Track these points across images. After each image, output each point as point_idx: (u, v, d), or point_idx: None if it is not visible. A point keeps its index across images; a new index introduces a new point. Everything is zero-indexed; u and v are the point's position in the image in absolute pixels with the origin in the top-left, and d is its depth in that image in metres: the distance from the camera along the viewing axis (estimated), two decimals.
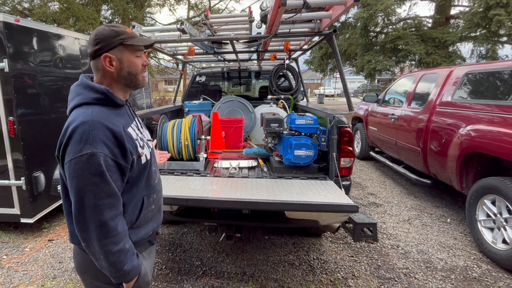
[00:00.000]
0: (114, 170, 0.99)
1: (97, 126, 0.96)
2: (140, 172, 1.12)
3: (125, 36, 1.06)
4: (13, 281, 2.52)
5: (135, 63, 1.09)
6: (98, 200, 0.95)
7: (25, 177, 3.05)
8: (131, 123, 1.12)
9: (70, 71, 3.70)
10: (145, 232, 1.18)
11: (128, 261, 1.02)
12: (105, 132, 0.96)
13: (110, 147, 0.97)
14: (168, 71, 17.03)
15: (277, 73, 4.57)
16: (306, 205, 1.84)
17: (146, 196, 1.16)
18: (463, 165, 3.12)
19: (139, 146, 1.09)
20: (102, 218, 0.95)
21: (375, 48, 12.34)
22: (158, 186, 1.26)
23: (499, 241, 2.65)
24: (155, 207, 1.22)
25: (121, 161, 1.00)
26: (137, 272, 1.06)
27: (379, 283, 2.41)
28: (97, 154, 0.93)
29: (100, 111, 1.01)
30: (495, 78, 3.11)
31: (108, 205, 0.96)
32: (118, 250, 0.98)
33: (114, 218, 0.98)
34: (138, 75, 1.11)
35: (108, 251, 0.97)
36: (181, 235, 3.21)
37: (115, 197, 0.99)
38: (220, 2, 15.60)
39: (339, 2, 2.13)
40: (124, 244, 1.01)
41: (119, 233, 0.99)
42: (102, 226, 0.95)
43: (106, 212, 0.96)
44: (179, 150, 2.78)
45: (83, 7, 10.57)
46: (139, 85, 1.14)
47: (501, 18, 8.31)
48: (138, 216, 1.13)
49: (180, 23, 2.66)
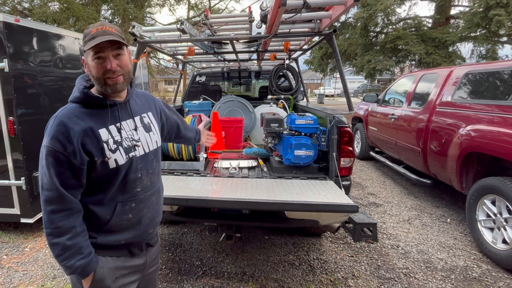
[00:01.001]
0: (66, 167, 1.01)
1: (57, 123, 1.02)
2: (108, 176, 1.08)
3: (86, 38, 1.04)
4: (13, 281, 2.52)
5: (94, 67, 1.04)
6: (43, 190, 1.02)
7: (25, 177, 3.06)
8: (112, 124, 1.09)
9: (70, 71, 3.70)
10: (115, 239, 1.13)
11: (68, 258, 1.02)
12: (61, 129, 1.00)
13: (63, 143, 1.00)
14: (168, 71, 17.05)
15: (277, 73, 4.57)
16: (306, 205, 1.84)
17: (121, 203, 1.12)
18: (463, 165, 3.12)
19: (106, 149, 1.05)
20: (45, 208, 1.02)
21: (375, 48, 12.34)
22: (141, 196, 1.17)
23: (499, 241, 2.65)
24: (133, 217, 1.15)
25: (73, 160, 1.01)
26: (83, 272, 1.05)
27: (379, 283, 2.41)
28: (48, 148, 1.00)
29: (71, 109, 1.06)
30: (495, 78, 3.11)
31: (48, 198, 1.01)
32: (56, 243, 1.02)
33: (54, 212, 1.01)
34: (100, 78, 1.04)
35: (48, 240, 1.03)
36: (181, 235, 3.21)
37: (56, 192, 1.01)
38: (220, 2, 15.63)
39: (339, 2, 2.13)
40: (64, 240, 1.01)
41: (58, 227, 1.01)
42: (45, 215, 1.03)
43: (47, 204, 1.02)
44: (179, 150, 2.78)
45: (83, 7, 10.58)
46: (108, 90, 1.07)
47: (501, 18, 8.31)
48: (108, 221, 1.11)
49: (180, 23, 2.65)
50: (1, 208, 3.19)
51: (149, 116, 1.27)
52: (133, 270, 1.22)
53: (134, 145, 1.14)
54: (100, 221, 1.11)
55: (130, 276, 1.21)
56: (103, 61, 1.03)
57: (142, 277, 1.29)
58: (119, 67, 1.06)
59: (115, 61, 1.05)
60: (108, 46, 1.02)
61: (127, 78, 1.11)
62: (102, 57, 1.03)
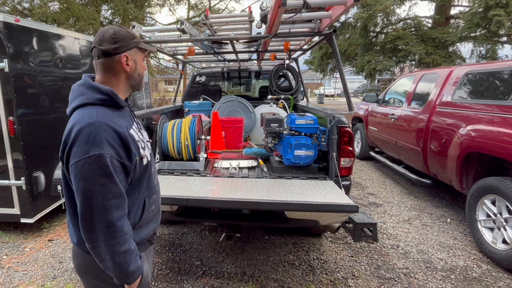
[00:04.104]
0: (119, 171, 0.99)
1: (103, 127, 0.96)
2: (141, 173, 1.13)
3: (138, 40, 1.13)
4: (13, 281, 2.52)
5: (144, 66, 1.17)
6: (106, 201, 0.95)
7: (25, 177, 3.05)
8: (132, 124, 1.13)
9: (70, 71, 3.70)
10: (147, 233, 1.20)
11: (133, 261, 1.02)
12: (110, 133, 0.97)
13: (116, 148, 0.97)
14: (168, 71, 17.03)
15: (277, 73, 4.57)
16: (306, 205, 1.84)
17: (147, 197, 1.18)
18: (463, 165, 3.12)
19: (141, 148, 1.11)
20: (110, 219, 0.95)
21: (375, 48, 12.34)
22: (157, 187, 1.28)
23: (499, 241, 2.65)
24: (155, 207, 1.24)
25: (126, 162, 1.01)
26: (140, 273, 1.06)
27: (379, 283, 2.41)
28: (105, 155, 0.94)
29: (104, 112, 1.01)
30: (495, 78, 3.11)
31: (115, 206, 0.97)
32: (124, 251, 0.99)
33: (120, 218, 0.99)
34: (143, 77, 1.18)
35: (114, 252, 0.97)
36: (181, 235, 3.21)
37: (121, 198, 0.99)
38: (220, 2, 15.62)
39: (339, 2, 2.13)
40: (130, 245, 1.01)
41: (125, 233, 1.00)
42: (109, 227, 0.95)
43: (114, 212, 0.96)
44: (179, 150, 2.78)
45: (83, 7, 10.57)
46: (141, 87, 1.20)
47: (501, 19, 8.31)
48: (141, 217, 1.15)
49: (180, 23, 2.65)
50: (1, 208, 3.19)
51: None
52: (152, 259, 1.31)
53: (147, 141, 1.23)
54: (134, 220, 1.13)
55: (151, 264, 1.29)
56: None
57: None
58: None
59: None
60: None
61: None
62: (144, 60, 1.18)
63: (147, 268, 1.16)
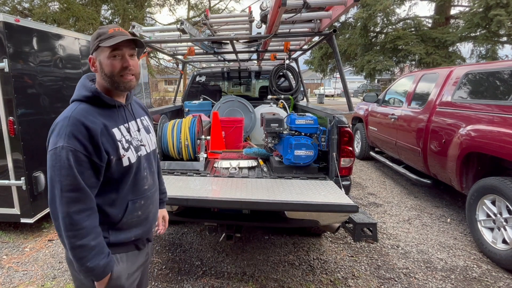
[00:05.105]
0: (86, 166, 1.02)
1: (74, 122, 1.01)
2: (122, 174, 1.12)
3: (103, 37, 1.08)
4: (13, 281, 2.52)
5: (109, 64, 1.07)
6: (64, 192, 0.99)
7: (25, 177, 3.05)
8: (121, 124, 1.14)
9: (70, 71, 3.70)
10: (126, 237, 1.17)
11: (93, 258, 1.02)
12: (80, 128, 1.01)
13: (83, 143, 1.00)
14: (168, 71, 17.04)
15: (277, 73, 4.57)
16: (306, 205, 1.84)
17: (132, 201, 1.16)
18: (463, 165, 3.12)
19: (121, 148, 1.10)
20: (67, 210, 0.99)
21: (375, 48, 12.34)
22: (148, 193, 1.24)
23: (499, 241, 2.65)
24: (143, 214, 1.21)
25: (94, 158, 1.03)
26: (103, 272, 1.05)
27: (379, 283, 2.41)
28: (67, 148, 0.98)
29: (84, 108, 1.06)
30: (495, 78, 3.11)
31: (73, 199, 0.99)
32: (80, 245, 1.00)
33: (79, 212, 1.00)
34: (115, 76, 1.08)
35: (71, 244, 1.00)
36: (181, 235, 3.21)
37: (81, 192, 1.01)
38: (220, 2, 15.63)
39: (339, 2, 2.13)
40: (89, 241, 1.01)
41: (83, 228, 1.00)
42: (66, 218, 0.99)
43: (71, 205, 0.99)
44: (179, 150, 2.78)
45: (83, 7, 10.58)
46: (121, 87, 1.11)
47: (502, 18, 8.30)
48: (121, 219, 1.14)
49: (180, 23, 2.65)
50: (1, 208, 3.19)
51: (146, 119, 1.34)
52: (140, 264, 1.27)
53: (140, 145, 1.20)
54: (112, 220, 1.13)
55: (138, 271, 1.25)
56: (121, 59, 1.08)
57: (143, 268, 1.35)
58: (133, 67, 1.11)
59: (131, 61, 1.11)
60: (125, 45, 1.08)
61: (138, 79, 1.17)
62: (119, 54, 1.08)
63: (121, 271, 1.13)
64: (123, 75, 1.09)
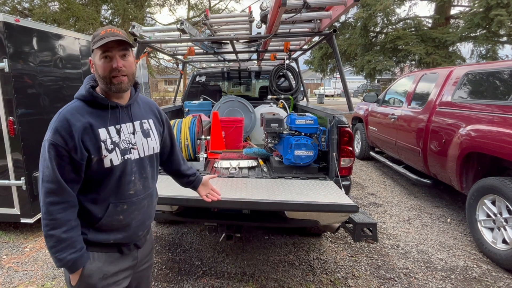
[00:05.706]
0: (66, 161, 1.06)
1: (61, 118, 1.07)
2: (103, 175, 1.12)
3: (95, 39, 1.10)
4: (13, 281, 2.52)
5: (100, 66, 1.09)
6: (44, 183, 1.06)
7: (25, 177, 3.06)
8: (112, 125, 1.14)
9: (70, 71, 3.70)
10: (104, 238, 1.16)
11: (62, 251, 1.05)
12: (64, 124, 1.05)
13: (65, 138, 1.05)
14: (168, 71, 17.05)
15: (277, 73, 4.57)
16: (306, 205, 1.84)
17: (114, 204, 1.15)
18: (463, 165, 3.12)
19: (103, 148, 1.10)
20: (44, 199, 1.06)
21: (375, 48, 12.34)
22: (133, 199, 1.19)
23: (499, 241, 2.65)
24: (124, 219, 1.18)
25: (73, 154, 1.06)
26: (73, 266, 1.08)
27: (379, 283, 2.41)
28: (50, 142, 1.05)
29: (75, 106, 1.11)
30: (495, 78, 3.11)
31: (48, 189, 1.05)
32: (51, 235, 1.05)
33: (54, 204, 1.05)
34: (107, 78, 1.09)
35: (44, 231, 1.06)
36: (181, 235, 3.21)
37: (58, 185, 1.05)
38: (220, 2, 15.64)
39: (339, 2, 2.13)
40: (60, 233, 1.05)
41: (55, 219, 1.05)
42: (43, 206, 1.06)
43: (47, 195, 1.05)
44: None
45: (83, 7, 10.58)
46: (112, 89, 1.11)
47: (502, 19, 8.30)
48: (100, 219, 1.14)
49: (180, 23, 2.65)
50: (1, 208, 3.19)
51: (150, 123, 1.29)
52: (123, 268, 1.23)
53: (131, 148, 1.18)
54: (92, 218, 1.15)
55: (120, 274, 1.22)
56: (110, 60, 1.09)
57: (134, 274, 1.31)
58: (125, 67, 1.11)
59: (121, 61, 1.10)
60: (116, 46, 1.08)
61: (131, 79, 1.16)
62: (109, 56, 1.09)
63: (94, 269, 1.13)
64: (114, 76, 1.09)
